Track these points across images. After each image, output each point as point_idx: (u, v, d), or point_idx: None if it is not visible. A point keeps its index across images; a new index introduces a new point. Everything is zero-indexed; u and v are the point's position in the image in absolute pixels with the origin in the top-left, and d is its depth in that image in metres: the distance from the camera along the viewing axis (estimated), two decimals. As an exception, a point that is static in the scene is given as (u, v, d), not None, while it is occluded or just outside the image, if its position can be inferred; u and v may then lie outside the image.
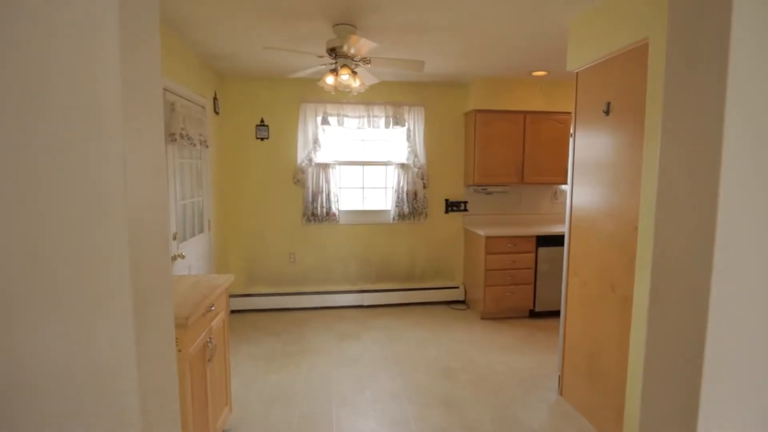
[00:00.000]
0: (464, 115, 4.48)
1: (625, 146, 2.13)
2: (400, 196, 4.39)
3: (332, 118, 4.23)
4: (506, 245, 4.05)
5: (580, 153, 2.58)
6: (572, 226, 2.67)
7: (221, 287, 2.14)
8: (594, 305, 2.40)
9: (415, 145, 4.36)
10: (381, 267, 4.58)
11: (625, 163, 2.12)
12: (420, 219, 4.47)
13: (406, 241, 4.58)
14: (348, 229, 4.48)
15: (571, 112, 4.33)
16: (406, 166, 4.38)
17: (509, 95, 4.16)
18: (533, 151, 4.28)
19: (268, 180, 4.33)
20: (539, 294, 4.16)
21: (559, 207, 4.78)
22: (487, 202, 4.65)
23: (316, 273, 4.49)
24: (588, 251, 2.47)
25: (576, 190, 2.62)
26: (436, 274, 4.69)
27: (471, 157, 4.32)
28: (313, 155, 4.23)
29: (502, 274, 4.08)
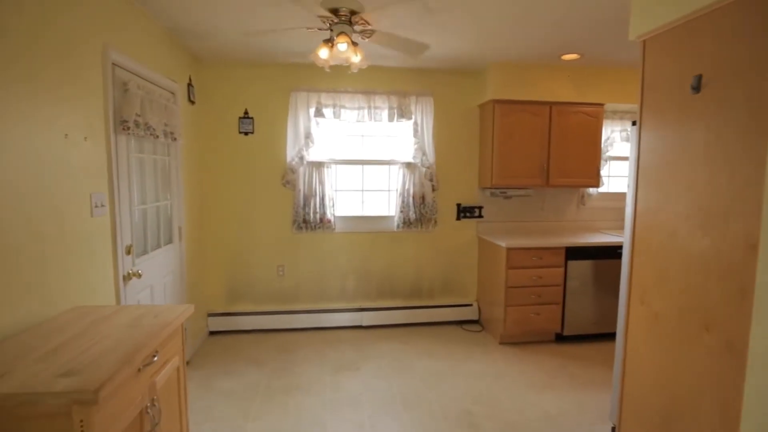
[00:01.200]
0: (479, 106, 3.91)
1: (730, 132, 1.56)
2: (405, 201, 3.80)
3: (327, 109, 3.64)
4: (531, 258, 3.47)
5: (650, 144, 2.01)
6: (636, 239, 2.08)
7: (172, 325, 1.54)
8: (673, 347, 1.81)
9: (423, 142, 3.78)
10: (383, 282, 3.98)
11: (732, 155, 1.55)
12: (428, 226, 3.88)
13: (412, 251, 3.99)
14: (345, 237, 3.88)
15: (602, 103, 3.79)
16: (413, 166, 3.79)
17: (533, 83, 3.60)
18: (560, 149, 3.71)
19: (253, 181, 3.73)
20: (569, 316, 3.57)
21: (587, 213, 4.21)
22: (506, 207, 4.07)
23: (308, 288, 3.89)
24: (663, 273, 1.89)
25: (643, 193, 2.04)
26: (446, 290, 4.10)
27: (488, 156, 3.75)
28: (305, 152, 3.64)
29: (526, 292, 3.49)
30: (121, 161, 2.22)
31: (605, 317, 3.62)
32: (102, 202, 1.99)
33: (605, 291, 3.60)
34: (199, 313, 3.57)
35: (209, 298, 3.77)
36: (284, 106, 3.67)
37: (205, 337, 3.65)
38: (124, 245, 2.23)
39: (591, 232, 4.03)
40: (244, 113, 3.67)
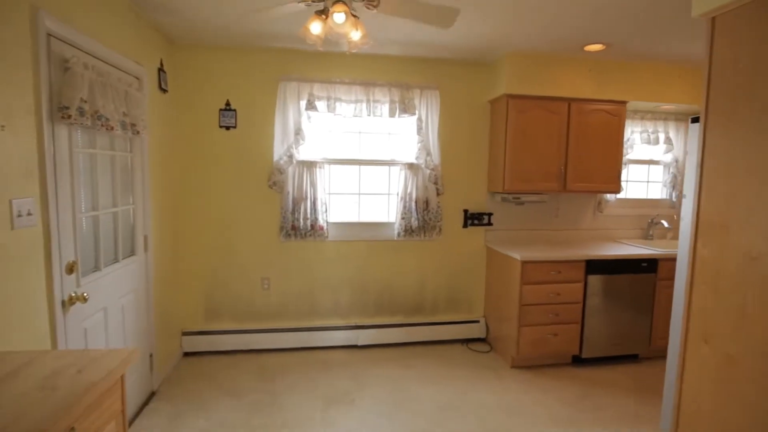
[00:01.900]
0: (490, 102, 3.52)
1: None
2: (407, 206, 3.40)
3: (320, 102, 3.22)
4: (549, 272, 3.09)
5: (719, 146, 1.62)
6: (697, 261, 1.70)
7: (100, 385, 1.10)
8: (757, 404, 1.43)
9: (428, 140, 3.37)
10: (381, 296, 3.57)
11: None
12: (432, 235, 3.48)
13: (414, 262, 3.58)
14: (339, 247, 3.46)
15: (624, 101, 3.42)
16: (416, 167, 3.39)
17: (551, 77, 3.21)
18: (578, 151, 3.34)
19: (235, 182, 3.29)
20: (588, 336, 3.20)
21: (603, 221, 3.84)
22: (517, 214, 3.69)
23: (297, 304, 3.46)
24: (740, 308, 1.51)
25: (710, 205, 1.66)
26: (451, 305, 3.70)
27: (499, 157, 3.35)
28: (295, 150, 3.21)
29: (543, 310, 3.11)
30: (61, 158, 1.77)
31: (627, 338, 3.26)
32: (29, 210, 1.55)
33: (628, 309, 3.23)
34: (172, 332, 3.12)
35: (184, 316, 3.32)
36: (271, 97, 3.23)
37: (178, 359, 3.20)
38: (65, 262, 1.79)
39: (609, 242, 3.67)
40: (225, 105, 3.23)
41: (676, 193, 3.88)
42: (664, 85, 3.38)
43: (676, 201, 3.89)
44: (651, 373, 3.15)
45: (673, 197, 3.90)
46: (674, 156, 3.85)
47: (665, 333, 3.35)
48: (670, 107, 3.58)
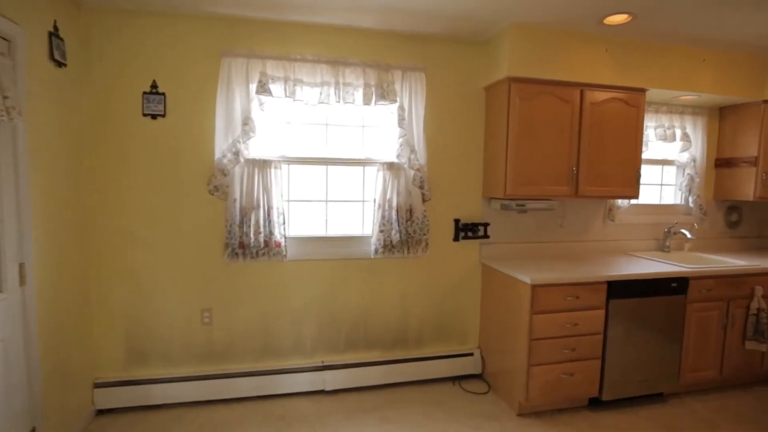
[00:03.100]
0: (486, 89, 2.91)
1: None
2: (386, 215, 2.73)
3: (276, 84, 2.52)
4: (564, 298, 2.48)
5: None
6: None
7: None
8: None
9: (412, 134, 2.73)
10: (355, 328, 2.88)
11: None
12: (417, 251, 2.82)
13: (395, 285, 2.92)
14: (302, 268, 2.75)
15: (644, 89, 2.85)
16: (397, 168, 2.73)
17: (562, 56, 2.64)
18: (592, 147, 2.78)
19: (164, 187, 2.54)
20: (609, 374, 2.62)
21: (615, 231, 3.30)
22: (517, 224, 3.09)
23: (248, 341, 2.72)
24: None
25: None
26: (440, 335, 3.05)
27: (499, 155, 2.74)
28: (243, 146, 2.50)
29: (557, 344, 2.50)
30: None
31: (653, 374, 2.70)
32: None
33: (654, 339, 2.67)
34: (78, 385, 2.33)
35: (97, 362, 2.53)
36: (212, 77, 2.52)
37: (87, 420, 2.40)
38: None
39: (623, 256, 3.12)
40: (151, 87, 2.49)
41: (693, 197, 3.38)
42: (688, 71, 2.87)
43: (693, 207, 3.39)
44: (684, 416, 2.59)
45: (690, 202, 3.40)
46: (691, 155, 3.35)
47: (697, 365, 2.81)
48: (690, 98, 3.08)
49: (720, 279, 2.77)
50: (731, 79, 2.96)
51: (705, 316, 2.78)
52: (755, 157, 3.15)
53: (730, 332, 2.85)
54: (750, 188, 3.19)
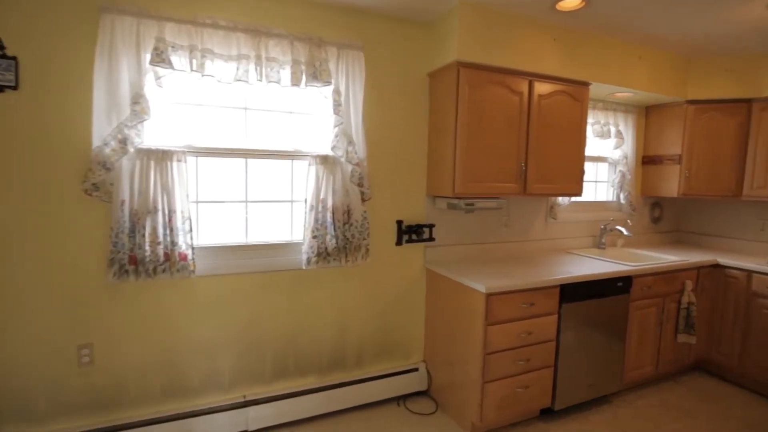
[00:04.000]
0: (431, 75, 2.62)
1: None
2: (320, 218, 2.32)
3: (179, 54, 1.99)
4: (519, 305, 2.28)
5: None
6: None
7: None
8: None
9: (350, 123, 2.35)
10: (283, 352, 2.43)
11: None
12: (355, 258, 2.45)
13: (332, 299, 2.52)
14: (216, 284, 2.24)
15: (588, 83, 2.77)
16: (333, 162, 2.33)
17: (511, 43, 2.44)
18: (540, 142, 2.63)
19: (19, 185, 1.88)
20: (562, 382, 2.48)
21: (556, 229, 3.23)
22: (464, 225, 2.86)
23: (147, 380, 2.15)
24: None
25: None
26: (383, 351, 2.72)
27: (446, 149, 2.48)
28: (132, 132, 1.93)
29: (512, 356, 2.30)
30: None
31: (601, 377, 2.63)
32: None
33: (601, 341, 2.60)
34: None
35: None
36: (88, 38, 1.91)
37: None
38: None
39: (565, 255, 3.04)
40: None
41: (624, 194, 3.44)
42: (626, 67, 2.85)
43: (624, 203, 3.45)
44: (631, 417, 2.54)
45: (622, 199, 3.45)
46: (623, 152, 3.40)
47: (638, 363, 2.81)
48: (625, 95, 3.09)
49: (658, 276, 2.79)
50: (662, 78, 3.01)
51: (645, 314, 2.78)
52: (679, 155, 3.26)
53: (665, 327, 2.89)
54: (674, 185, 3.31)
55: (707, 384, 3.02)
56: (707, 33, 2.62)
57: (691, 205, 3.79)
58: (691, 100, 3.17)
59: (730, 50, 2.95)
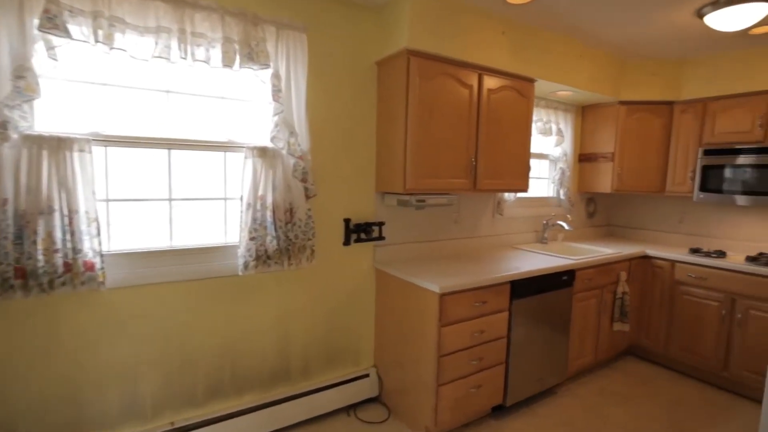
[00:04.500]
0: (379, 64, 2.46)
1: None
2: (259, 217, 2.08)
3: (79, 22, 1.63)
4: (472, 304, 2.22)
5: None
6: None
7: None
8: None
9: (291, 112, 2.12)
10: (219, 370, 2.16)
11: None
12: (299, 260, 2.23)
13: (273, 306, 2.29)
14: (133, 297, 1.91)
15: (533, 79, 2.79)
16: (272, 155, 2.09)
17: (462, 33, 2.35)
18: (490, 138, 2.59)
19: None
20: (513, 378, 2.47)
21: (503, 225, 3.24)
22: (414, 222, 2.75)
23: (46, 417, 1.77)
24: None
25: None
26: (331, 358, 2.53)
27: (396, 143, 2.34)
28: (17, 114, 1.56)
29: (466, 357, 2.23)
30: None
31: (548, 369, 2.67)
32: None
33: (548, 335, 2.64)
34: None
35: None
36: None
37: None
38: None
39: (511, 250, 3.07)
40: None
41: (564, 190, 3.55)
42: (569, 66, 2.91)
43: (564, 199, 3.56)
44: (575, 407, 2.61)
45: (561, 195, 3.57)
46: (563, 150, 3.51)
47: (580, 353, 2.90)
48: (566, 93, 3.17)
49: (597, 268, 2.89)
50: (599, 78, 3.13)
51: (586, 305, 2.88)
52: (612, 153, 3.43)
53: (603, 317, 3.02)
54: (608, 181, 3.47)
55: (638, 368, 3.21)
56: (640, 36, 2.74)
57: (620, 200, 4.03)
58: (623, 101, 3.33)
59: (656, 54, 3.13)
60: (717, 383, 2.94)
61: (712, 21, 2.27)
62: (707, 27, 2.52)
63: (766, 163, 2.79)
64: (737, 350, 2.77)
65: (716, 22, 2.27)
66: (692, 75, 3.18)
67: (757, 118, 2.86)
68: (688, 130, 3.21)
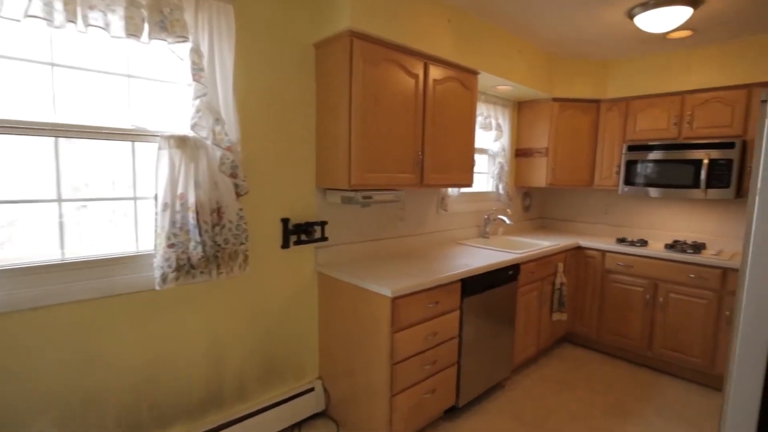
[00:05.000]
0: (317, 46, 2.23)
1: None
2: (178, 219, 1.75)
3: None
4: (425, 306, 2.10)
5: None
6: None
7: None
8: None
9: (216, 95, 1.82)
10: (134, 405, 1.80)
11: None
12: (231, 267, 1.94)
13: (200, 323, 1.97)
14: (14, 326, 1.50)
15: (477, 71, 2.75)
16: (194, 145, 1.78)
17: (407, 18, 2.21)
18: (436, 131, 2.49)
19: None
20: (465, 378, 2.41)
21: (446, 221, 3.18)
22: (358, 219, 2.57)
23: None
24: None
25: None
26: (270, 375, 2.27)
27: (339, 135, 2.13)
28: None
29: (420, 362, 2.10)
30: None
31: (496, 365, 2.65)
32: None
33: (495, 330, 2.61)
34: None
35: None
36: None
37: None
38: None
39: (456, 246, 3.02)
40: None
41: (502, 185, 3.59)
42: (509, 60, 2.90)
43: (503, 194, 3.60)
44: (523, 399, 2.62)
45: (500, 189, 3.60)
46: (502, 144, 3.54)
47: (524, 346, 2.93)
48: (506, 88, 3.18)
49: (538, 261, 2.94)
50: (536, 74, 3.18)
51: (529, 298, 2.91)
52: (546, 148, 3.53)
53: (543, 308, 3.09)
54: (543, 176, 3.57)
55: (574, 353, 3.35)
56: (573, 34, 2.82)
57: (552, 193, 4.21)
58: (556, 98, 3.44)
59: (586, 54, 3.26)
60: (643, 362, 3.15)
61: (642, 22, 2.37)
62: (633, 29, 2.65)
63: (675, 158, 3.02)
64: (659, 331, 2.98)
65: (645, 23, 2.37)
66: (616, 75, 3.36)
67: (672, 116, 3.09)
68: (614, 128, 3.40)
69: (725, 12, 2.35)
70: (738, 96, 2.79)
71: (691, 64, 2.98)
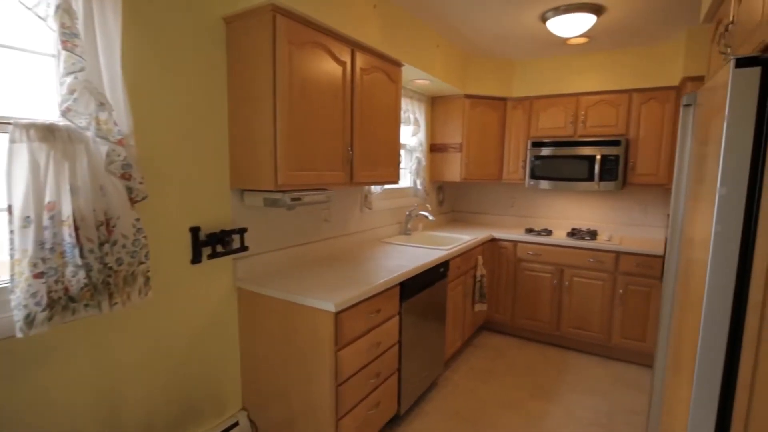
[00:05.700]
0: (228, 20, 1.87)
1: None
2: (48, 239, 1.30)
3: None
4: (368, 316, 1.93)
5: None
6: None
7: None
8: None
9: (99, 72, 1.39)
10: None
11: None
12: (128, 295, 1.52)
13: (87, 371, 1.51)
14: None
15: (401, 63, 2.64)
16: (68, 137, 1.33)
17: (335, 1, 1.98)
18: (365, 124, 2.32)
19: None
20: (405, 384, 2.31)
21: (369, 220, 3.05)
22: (281, 224, 2.28)
23: None
24: None
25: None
26: (184, 415, 1.88)
27: (261, 127, 1.83)
28: None
29: (364, 377, 1.93)
30: None
31: (431, 364, 2.62)
32: None
33: (429, 330, 2.58)
34: None
35: None
36: None
37: None
38: None
39: (382, 245, 2.91)
40: None
41: (420, 180, 3.58)
42: (428, 54, 2.85)
43: (420, 189, 3.60)
44: (457, 395, 2.64)
45: (418, 185, 3.59)
46: (419, 140, 3.52)
47: (452, 340, 2.95)
48: (423, 83, 3.15)
49: (463, 255, 2.98)
50: (451, 70, 3.20)
51: (456, 293, 2.94)
52: (460, 144, 3.62)
53: (467, 301, 3.16)
54: (457, 171, 3.66)
55: (493, 340, 3.51)
56: (488, 32, 2.88)
57: (463, 187, 4.36)
58: (468, 95, 3.52)
59: (495, 53, 3.39)
60: (553, 342, 3.44)
61: (553, 25, 2.51)
62: (542, 32, 2.81)
63: (572, 154, 3.34)
64: (565, 312, 3.28)
65: (555, 27, 2.51)
66: (521, 75, 3.58)
67: (569, 116, 3.39)
68: (519, 125, 3.62)
69: (621, 21, 2.60)
70: (621, 99, 3.18)
71: (585, 69, 3.29)
